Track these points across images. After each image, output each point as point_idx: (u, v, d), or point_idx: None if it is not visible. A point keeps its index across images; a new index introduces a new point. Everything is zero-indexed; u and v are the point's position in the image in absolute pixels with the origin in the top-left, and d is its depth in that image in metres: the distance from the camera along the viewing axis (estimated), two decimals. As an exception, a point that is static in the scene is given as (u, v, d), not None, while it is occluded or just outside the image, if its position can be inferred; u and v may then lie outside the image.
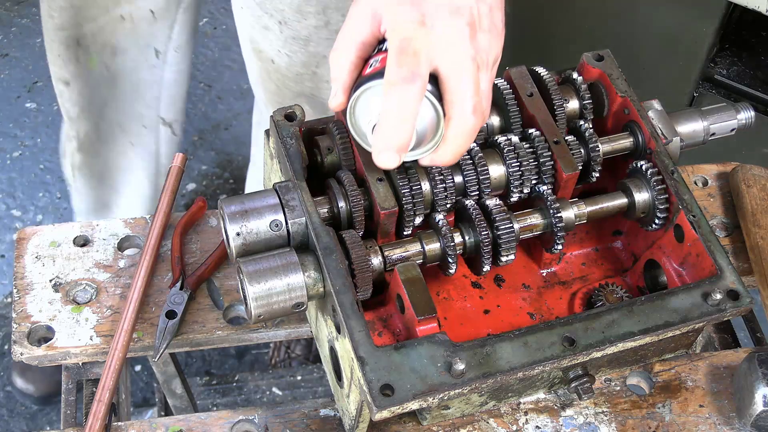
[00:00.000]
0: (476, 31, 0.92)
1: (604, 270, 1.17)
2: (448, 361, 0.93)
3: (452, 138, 0.94)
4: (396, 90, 0.89)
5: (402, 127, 0.90)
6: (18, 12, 3.01)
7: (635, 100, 1.12)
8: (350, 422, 1.01)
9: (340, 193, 1.02)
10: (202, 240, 1.23)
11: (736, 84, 1.91)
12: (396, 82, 0.89)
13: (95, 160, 1.87)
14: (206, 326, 1.15)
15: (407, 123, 0.90)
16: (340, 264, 0.96)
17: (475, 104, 0.92)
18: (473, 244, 1.04)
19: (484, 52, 0.93)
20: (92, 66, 1.69)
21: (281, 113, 1.06)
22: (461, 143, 0.95)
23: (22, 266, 1.18)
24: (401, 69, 0.89)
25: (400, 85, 0.89)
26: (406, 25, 0.91)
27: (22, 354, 1.11)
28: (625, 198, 1.10)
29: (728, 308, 1.01)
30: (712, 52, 1.91)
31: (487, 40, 0.93)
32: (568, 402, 1.10)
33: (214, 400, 2.17)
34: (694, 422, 1.09)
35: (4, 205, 2.57)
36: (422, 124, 0.94)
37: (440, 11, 0.91)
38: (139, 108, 1.80)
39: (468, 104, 0.92)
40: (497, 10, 0.95)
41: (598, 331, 0.98)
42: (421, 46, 0.90)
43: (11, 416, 2.24)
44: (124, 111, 1.80)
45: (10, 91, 2.82)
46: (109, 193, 1.96)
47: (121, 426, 1.08)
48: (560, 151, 1.07)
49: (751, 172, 1.30)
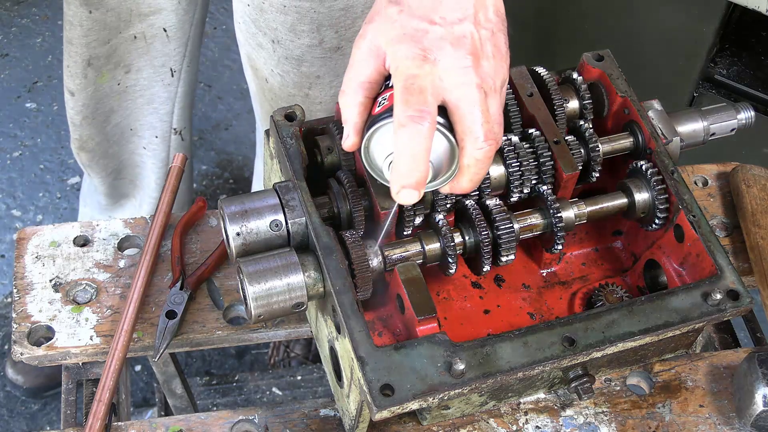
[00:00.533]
0: (480, 59, 0.92)
1: (604, 270, 1.17)
2: (448, 361, 0.93)
3: (468, 167, 0.94)
4: (407, 130, 0.89)
5: (417, 165, 0.90)
6: (18, 12, 3.01)
7: (635, 100, 1.12)
8: (350, 422, 1.01)
9: (340, 193, 1.02)
10: (202, 240, 1.23)
11: (736, 84, 1.91)
12: (405, 123, 0.89)
13: (105, 160, 1.87)
14: (206, 326, 1.15)
15: (421, 161, 0.90)
16: (340, 264, 0.96)
17: (486, 132, 0.92)
18: (473, 244, 1.04)
19: (490, 78, 0.92)
20: (102, 81, 1.69)
21: (281, 113, 1.06)
22: (478, 171, 0.95)
23: (22, 266, 1.18)
24: (409, 108, 0.89)
25: (410, 125, 0.89)
26: (409, 62, 0.90)
27: (22, 354, 1.11)
28: (625, 198, 1.10)
29: (728, 308, 1.01)
30: (712, 52, 1.91)
31: (491, 66, 0.93)
32: (568, 402, 1.10)
33: (214, 400, 2.17)
34: (694, 422, 1.09)
35: (4, 205, 2.57)
36: (437, 156, 0.94)
37: (442, 44, 0.91)
38: (153, 121, 1.81)
39: (479, 133, 0.92)
40: (499, 33, 0.95)
41: (598, 331, 0.98)
42: (426, 83, 0.90)
43: (11, 416, 2.24)
44: (138, 120, 1.80)
45: (10, 91, 2.82)
46: (127, 185, 1.96)
47: (121, 426, 1.08)
48: (560, 151, 1.07)
49: (751, 172, 1.30)
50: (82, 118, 1.75)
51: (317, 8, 1.45)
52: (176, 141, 1.87)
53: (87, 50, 1.62)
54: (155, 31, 1.64)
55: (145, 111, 1.78)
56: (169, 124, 1.82)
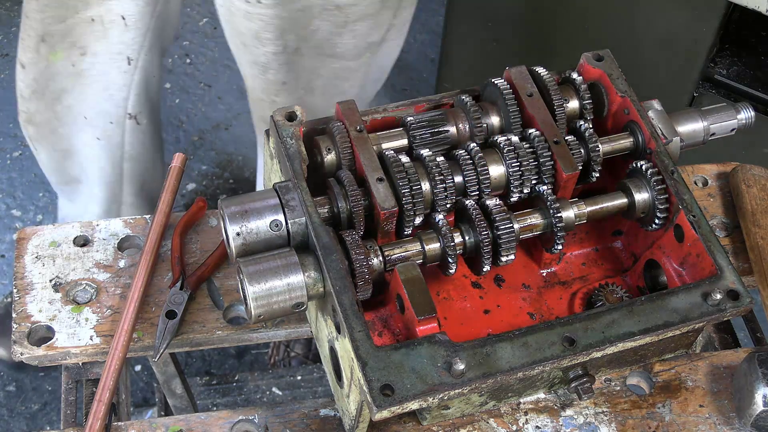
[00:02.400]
0: None
1: (604, 270, 1.17)
2: (448, 361, 0.93)
3: None
4: None
5: None
6: (18, 12, 3.00)
7: (635, 100, 1.12)
8: (350, 422, 1.01)
9: (340, 193, 1.02)
10: (202, 240, 1.22)
11: (736, 84, 1.91)
12: None
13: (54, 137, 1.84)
14: (206, 326, 1.15)
15: None
16: (340, 264, 0.96)
17: None
18: (473, 244, 1.04)
19: None
20: (55, 59, 1.67)
21: (281, 113, 1.06)
22: None
23: (22, 266, 1.18)
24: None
25: None
26: None
27: (22, 354, 1.11)
28: (625, 198, 1.10)
29: (728, 308, 1.01)
30: (712, 52, 1.91)
31: None
32: (568, 402, 1.10)
33: (214, 400, 2.17)
34: (694, 422, 1.09)
35: (4, 205, 2.56)
36: None
37: None
38: (108, 107, 1.78)
39: None
40: None
41: (598, 331, 0.98)
42: None
43: (11, 416, 2.24)
44: (91, 107, 1.78)
45: (10, 91, 2.81)
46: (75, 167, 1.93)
47: (121, 426, 1.08)
48: (560, 151, 1.07)
49: (751, 172, 1.30)
50: (31, 92, 1.73)
51: (280, 14, 1.44)
52: (131, 126, 1.85)
53: (41, 26, 1.61)
54: (113, 16, 1.63)
55: (100, 97, 1.76)
56: (124, 110, 1.80)
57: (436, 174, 1.04)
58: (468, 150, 1.06)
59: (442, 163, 1.05)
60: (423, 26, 3.04)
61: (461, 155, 1.06)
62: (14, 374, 2.26)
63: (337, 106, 1.08)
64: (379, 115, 1.11)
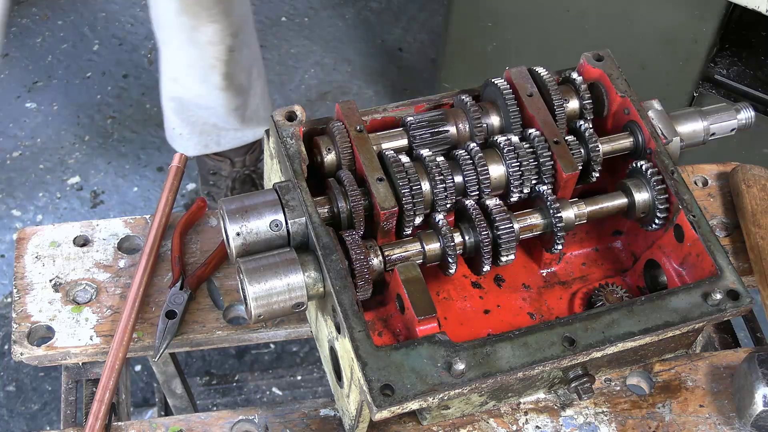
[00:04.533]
0: None
1: (604, 270, 1.16)
2: (448, 361, 0.93)
3: None
4: None
5: None
6: (18, 12, 3.01)
7: (635, 100, 1.12)
8: (350, 422, 1.01)
9: (340, 193, 1.02)
10: (202, 240, 1.22)
11: (736, 84, 1.91)
12: None
13: None
14: (206, 326, 1.15)
15: None
16: (340, 264, 0.96)
17: None
18: (473, 244, 1.04)
19: None
20: None
21: (281, 113, 1.06)
22: None
23: (22, 266, 1.18)
24: None
25: None
26: None
27: (22, 354, 1.11)
28: (625, 198, 1.10)
29: (728, 308, 1.01)
30: (712, 52, 1.91)
31: None
32: (568, 402, 1.10)
33: (214, 400, 2.17)
34: (694, 422, 1.09)
35: (4, 205, 2.56)
36: None
37: None
38: None
39: None
40: None
41: (598, 331, 0.98)
42: None
43: (11, 416, 2.24)
44: None
45: (10, 91, 2.82)
46: None
47: (121, 426, 1.08)
48: (560, 151, 1.07)
49: (751, 172, 1.30)
50: None
51: None
52: None
53: None
54: None
55: None
56: None
57: (436, 174, 1.04)
58: (468, 150, 1.06)
59: (442, 163, 1.05)
60: (423, 26, 3.03)
61: (461, 155, 1.06)
62: (13, 374, 2.26)
63: (337, 106, 1.08)
64: (379, 115, 1.11)
